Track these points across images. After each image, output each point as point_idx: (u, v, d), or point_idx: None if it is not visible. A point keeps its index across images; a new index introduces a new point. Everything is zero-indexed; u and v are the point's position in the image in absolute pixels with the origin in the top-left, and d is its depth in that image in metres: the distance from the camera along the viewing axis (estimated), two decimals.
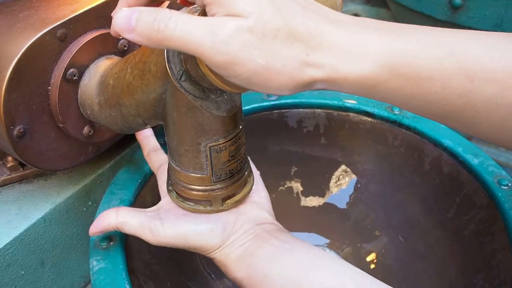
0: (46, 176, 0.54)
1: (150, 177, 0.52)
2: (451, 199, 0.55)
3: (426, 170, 0.58)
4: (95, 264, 0.43)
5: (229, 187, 0.41)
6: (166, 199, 0.44)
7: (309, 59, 0.29)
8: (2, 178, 0.52)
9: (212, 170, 0.40)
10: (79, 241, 0.56)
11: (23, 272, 0.50)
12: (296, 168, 0.64)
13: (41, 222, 0.50)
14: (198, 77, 0.34)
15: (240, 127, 0.40)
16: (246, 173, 0.43)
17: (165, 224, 0.41)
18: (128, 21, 0.29)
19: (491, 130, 0.32)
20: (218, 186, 0.41)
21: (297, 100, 0.62)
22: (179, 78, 0.35)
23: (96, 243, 0.45)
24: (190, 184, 0.41)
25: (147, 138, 0.50)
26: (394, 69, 0.30)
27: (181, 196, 0.42)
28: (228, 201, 0.42)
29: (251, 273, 0.38)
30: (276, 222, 0.42)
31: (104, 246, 0.44)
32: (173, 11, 0.29)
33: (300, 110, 0.62)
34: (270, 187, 0.48)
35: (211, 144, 0.38)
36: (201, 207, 0.42)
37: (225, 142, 0.39)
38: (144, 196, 0.52)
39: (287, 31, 0.29)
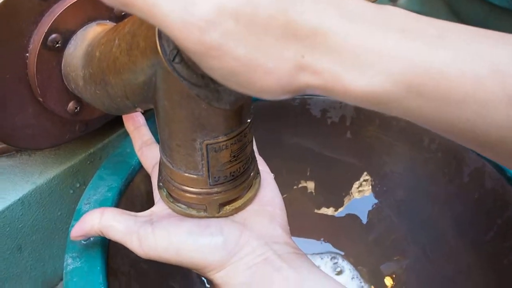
0: (31, 151, 0.48)
1: None
2: (491, 219, 0.47)
3: (465, 182, 0.50)
4: (70, 262, 0.37)
5: (229, 191, 0.34)
6: (160, 204, 0.37)
7: (304, 61, 0.22)
8: None
9: (208, 171, 0.33)
10: (63, 225, 0.50)
11: None
12: (313, 165, 0.57)
13: (19, 204, 0.44)
14: (191, 62, 0.27)
15: (248, 120, 0.33)
16: (251, 174, 0.36)
17: (156, 231, 0.33)
18: None
19: None
20: (215, 189, 0.34)
21: None
22: (171, 59, 0.28)
23: None
24: (183, 185, 0.34)
25: (138, 129, 0.42)
26: (413, 86, 0.22)
27: (172, 196, 0.36)
28: (227, 207, 0.35)
29: None
30: (291, 241, 0.35)
31: (83, 242, 0.38)
32: None
33: (326, 97, 0.55)
34: (282, 186, 0.40)
35: (209, 142, 0.31)
36: (193, 212, 0.35)
37: (226, 141, 0.32)
38: (138, 184, 0.46)
39: (282, 22, 0.22)
